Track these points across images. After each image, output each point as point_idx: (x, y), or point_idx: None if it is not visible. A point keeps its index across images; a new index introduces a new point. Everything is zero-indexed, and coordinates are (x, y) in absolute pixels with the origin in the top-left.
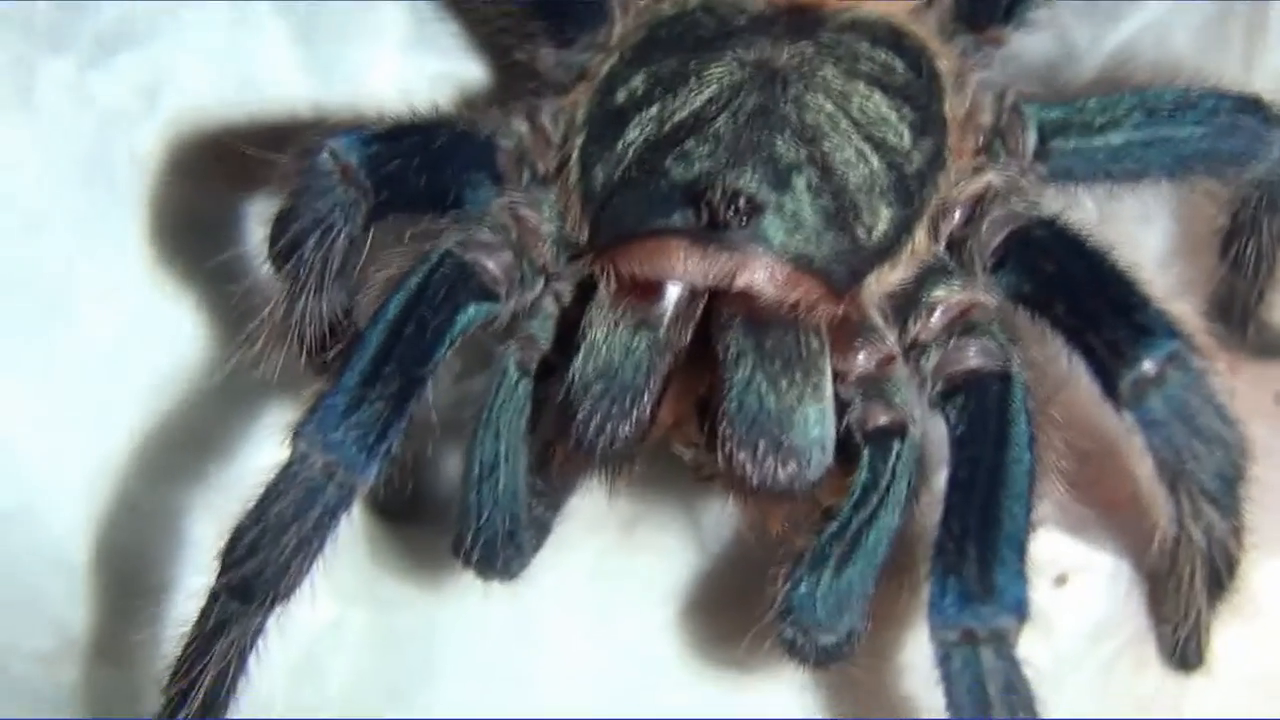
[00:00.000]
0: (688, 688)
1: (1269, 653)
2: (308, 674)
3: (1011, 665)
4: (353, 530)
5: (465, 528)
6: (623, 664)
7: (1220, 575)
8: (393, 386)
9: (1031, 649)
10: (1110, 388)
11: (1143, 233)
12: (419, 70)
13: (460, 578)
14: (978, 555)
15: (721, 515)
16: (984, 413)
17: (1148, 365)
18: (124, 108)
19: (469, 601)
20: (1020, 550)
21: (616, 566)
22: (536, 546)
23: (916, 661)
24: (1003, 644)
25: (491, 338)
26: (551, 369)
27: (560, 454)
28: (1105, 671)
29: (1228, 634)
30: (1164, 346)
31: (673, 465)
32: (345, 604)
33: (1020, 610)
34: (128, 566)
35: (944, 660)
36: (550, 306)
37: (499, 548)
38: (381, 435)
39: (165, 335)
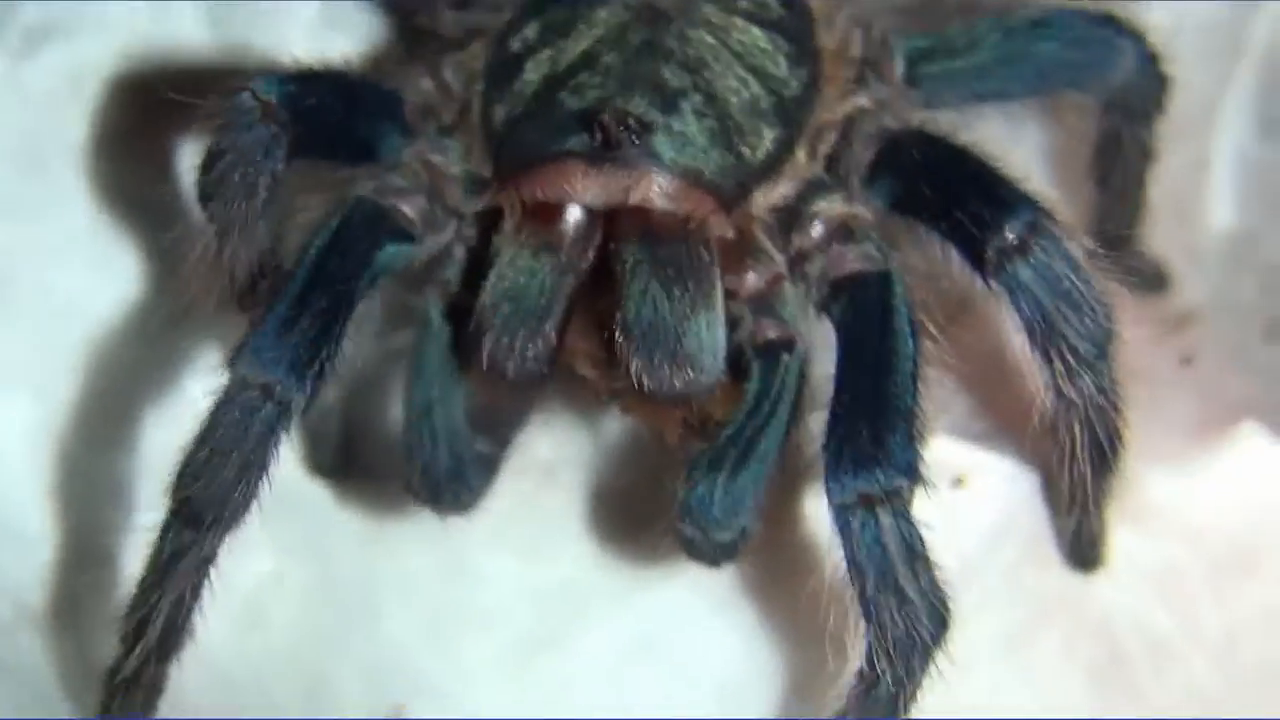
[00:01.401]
0: (614, 605)
1: (1166, 550)
2: (251, 624)
3: (908, 523)
4: (288, 486)
5: (411, 467)
6: (553, 595)
7: (1102, 441)
8: (320, 307)
9: (934, 552)
10: (978, 261)
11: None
12: (329, 50)
13: (394, 528)
14: (869, 424)
15: (633, 445)
16: (867, 304)
17: (1009, 234)
18: (54, 97)
19: (404, 550)
20: (909, 420)
21: (540, 507)
22: (486, 480)
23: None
24: (899, 503)
25: (407, 287)
26: (469, 311)
27: (476, 378)
28: (1009, 573)
29: (1125, 535)
30: (1024, 215)
31: (587, 410)
32: (284, 555)
33: (912, 471)
34: (80, 532)
35: (843, 525)
36: (460, 253)
37: (444, 482)
38: (314, 353)
39: (106, 306)
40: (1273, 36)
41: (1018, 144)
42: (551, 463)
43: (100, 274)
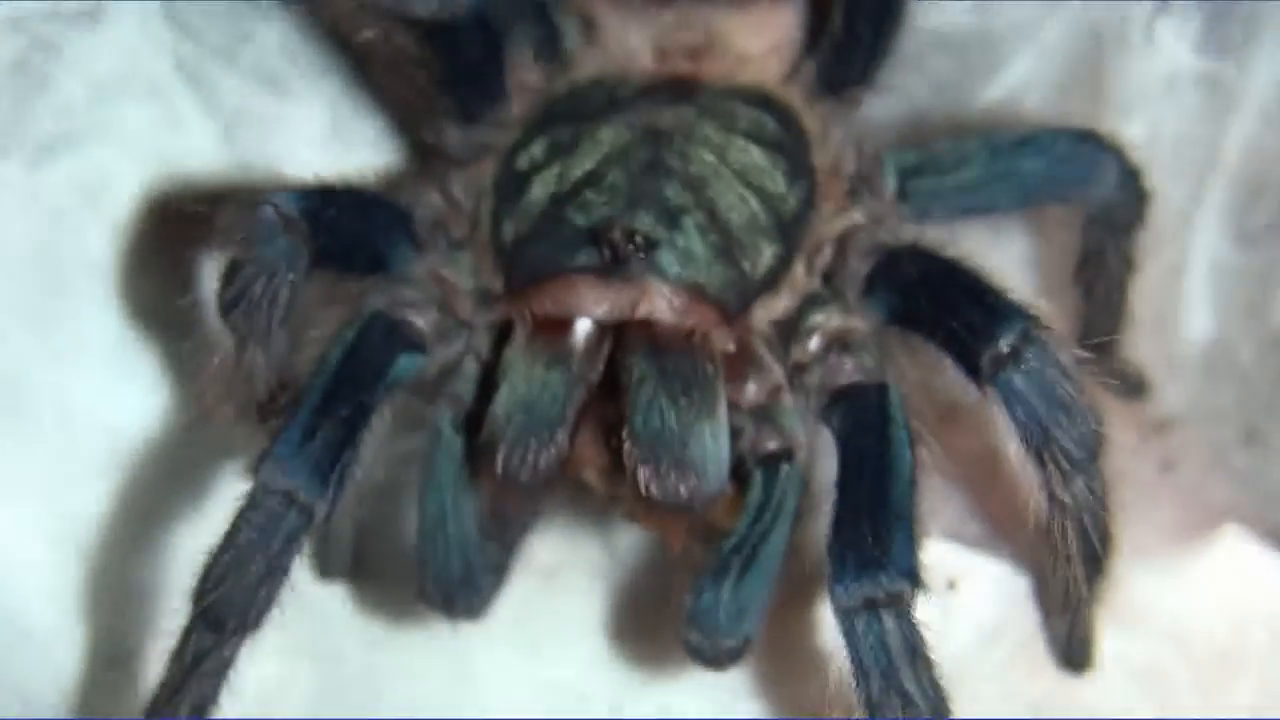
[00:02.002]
0: (619, 707)
1: (1152, 652)
2: None
3: (910, 626)
4: (297, 588)
5: (425, 576)
6: (558, 696)
7: (1094, 545)
8: (341, 416)
9: (935, 653)
10: (973, 369)
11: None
12: (336, 163)
13: (401, 631)
14: (871, 529)
15: (637, 551)
16: (865, 414)
17: (1003, 343)
18: (67, 207)
19: (410, 652)
20: (909, 526)
21: (541, 609)
22: (496, 585)
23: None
24: (901, 606)
25: (418, 397)
26: (479, 421)
27: (490, 488)
28: (1000, 674)
29: (1112, 636)
30: (1016, 325)
31: (587, 514)
32: (292, 658)
33: (913, 575)
34: (100, 635)
35: (848, 628)
36: (471, 367)
37: (457, 590)
38: (335, 460)
39: (125, 413)
40: (1246, 148)
41: (1001, 252)
42: (553, 566)
43: (119, 382)
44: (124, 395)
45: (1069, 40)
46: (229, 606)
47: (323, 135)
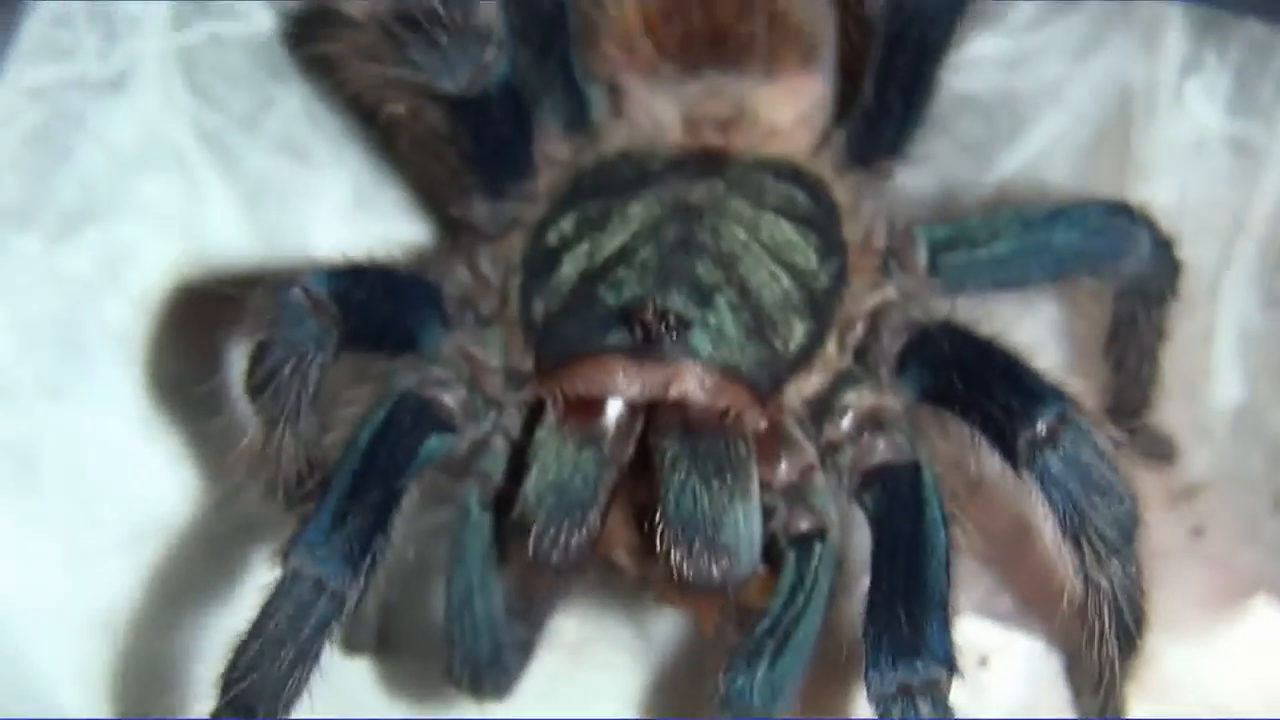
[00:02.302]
0: None
1: None
2: None
3: (946, 713)
4: (324, 665)
5: (453, 655)
6: None
7: (1129, 625)
8: (371, 501)
9: None
10: (1009, 452)
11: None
12: (360, 233)
13: (425, 708)
14: (906, 616)
15: (667, 628)
16: (899, 496)
17: (1040, 425)
18: (89, 280)
19: None
20: (944, 610)
21: (568, 685)
22: (522, 664)
23: None
24: (936, 693)
25: (446, 473)
26: (508, 500)
27: (519, 568)
28: None
29: (1142, 709)
30: (1053, 407)
31: (614, 589)
32: None
33: (949, 662)
34: (118, 711)
35: (884, 716)
36: (500, 445)
37: (485, 670)
38: (365, 546)
39: (149, 492)
40: (1274, 212)
41: (1030, 323)
42: (579, 641)
43: (142, 458)
44: (146, 471)
45: (1096, 101)
46: (258, 694)
47: (346, 205)
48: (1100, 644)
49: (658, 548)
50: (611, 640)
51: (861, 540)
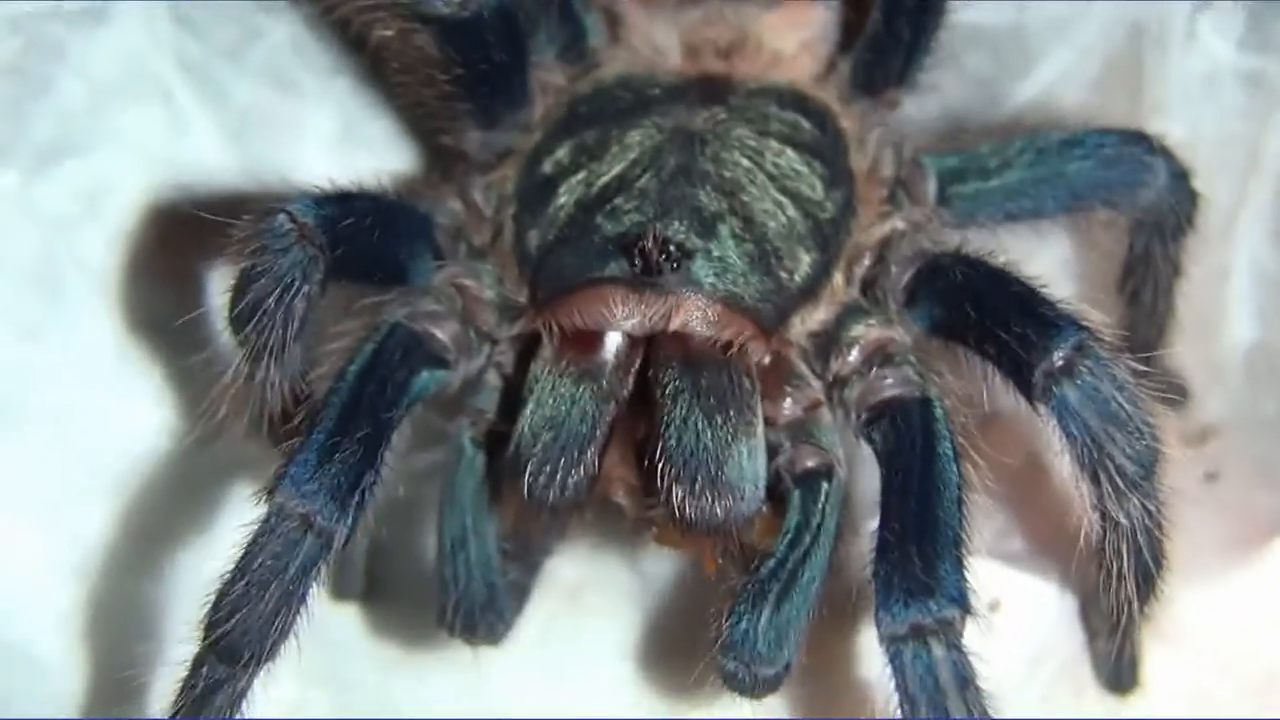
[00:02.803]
0: None
1: (1197, 672)
2: None
3: (960, 654)
4: (310, 613)
5: (445, 600)
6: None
7: (1148, 564)
8: (360, 435)
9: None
10: (1024, 384)
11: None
12: (348, 165)
13: (416, 653)
14: (919, 553)
15: (666, 571)
16: (909, 431)
17: (1057, 356)
18: (67, 215)
19: (426, 675)
20: (957, 548)
21: (565, 630)
22: (518, 609)
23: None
24: (950, 633)
25: (438, 411)
26: (503, 438)
27: (513, 507)
28: (1044, 697)
29: (1157, 657)
30: (1070, 337)
31: (613, 531)
32: (307, 685)
33: (963, 601)
34: (103, 663)
35: (895, 657)
36: (494, 380)
37: (479, 615)
38: (355, 483)
39: (129, 429)
40: None
41: (1042, 257)
42: (577, 584)
43: (123, 397)
44: (128, 410)
45: (1107, 37)
46: (243, 637)
47: (334, 137)
48: (1118, 584)
49: (658, 486)
50: (609, 583)
51: (868, 479)
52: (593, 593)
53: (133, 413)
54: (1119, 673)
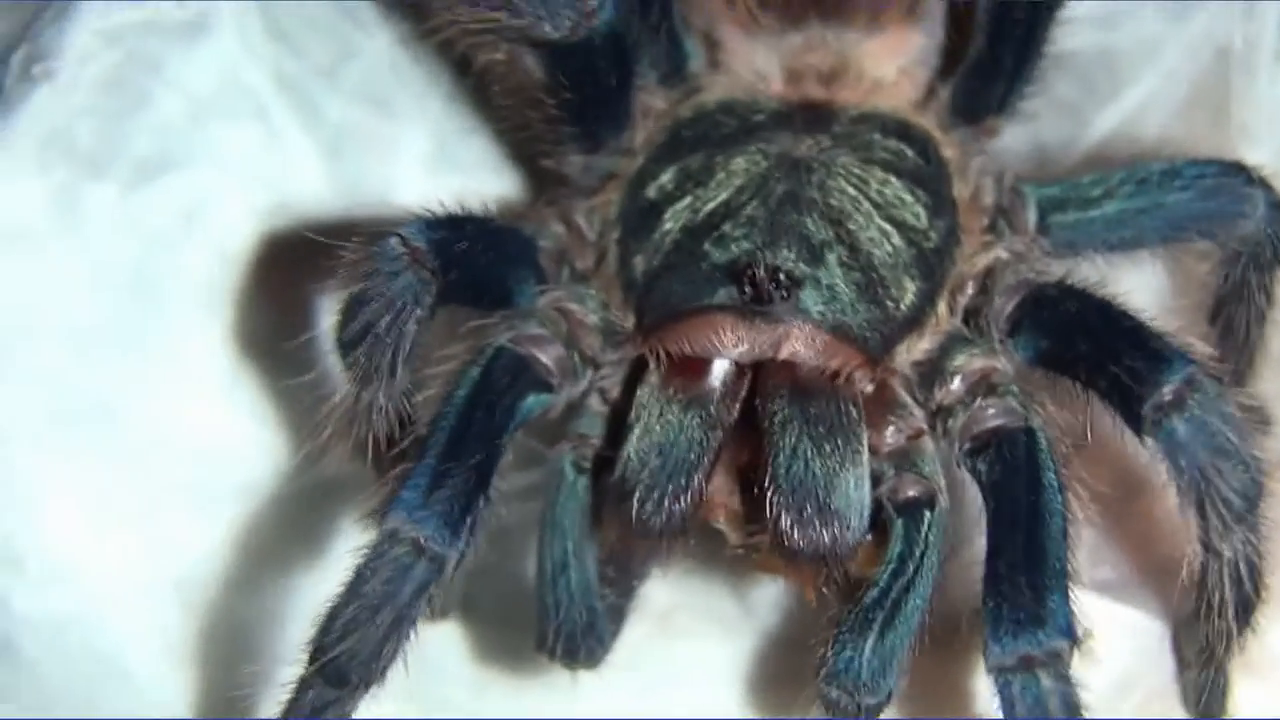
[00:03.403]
0: None
1: None
2: None
3: (1068, 685)
4: None
5: (546, 625)
6: None
7: (1248, 596)
8: (472, 460)
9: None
10: (1133, 418)
11: None
12: (442, 186)
13: (509, 674)
14: (1028, 585)
15: (757, 597)
16: (1014, 462)
17: (1167, 389)
18: (166, 230)
19: (519, 698)
20: (1064, 580)
21: (656, 654)
22: (615, 633)
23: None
24: (1059, 665)
25: (537, 436)
26: (606, 463)
27: (617, 533)
28: None
29: (1245, 689)
30: (1180, 371)
31: (707, 555)
32: (398, 704)
33: (1071, 633)
34: (198, 682)
35: (1004, 687)
36: (597, 404)
37: (580, 639)
38: (466, 508)
39: (228, 443)
40: None
41: (1134, 287)
42: (668, 608)
43: (224, 414)
44: (228, 429)
45: (1193, 60)
46: (352, 660)
47: (428, 157)
48: (1217, 615)
49: (763, 513)
50: (702, 609)
51: (969, 509)
52: (685, 617)
53: (238, 430)
54: (1209, 703)
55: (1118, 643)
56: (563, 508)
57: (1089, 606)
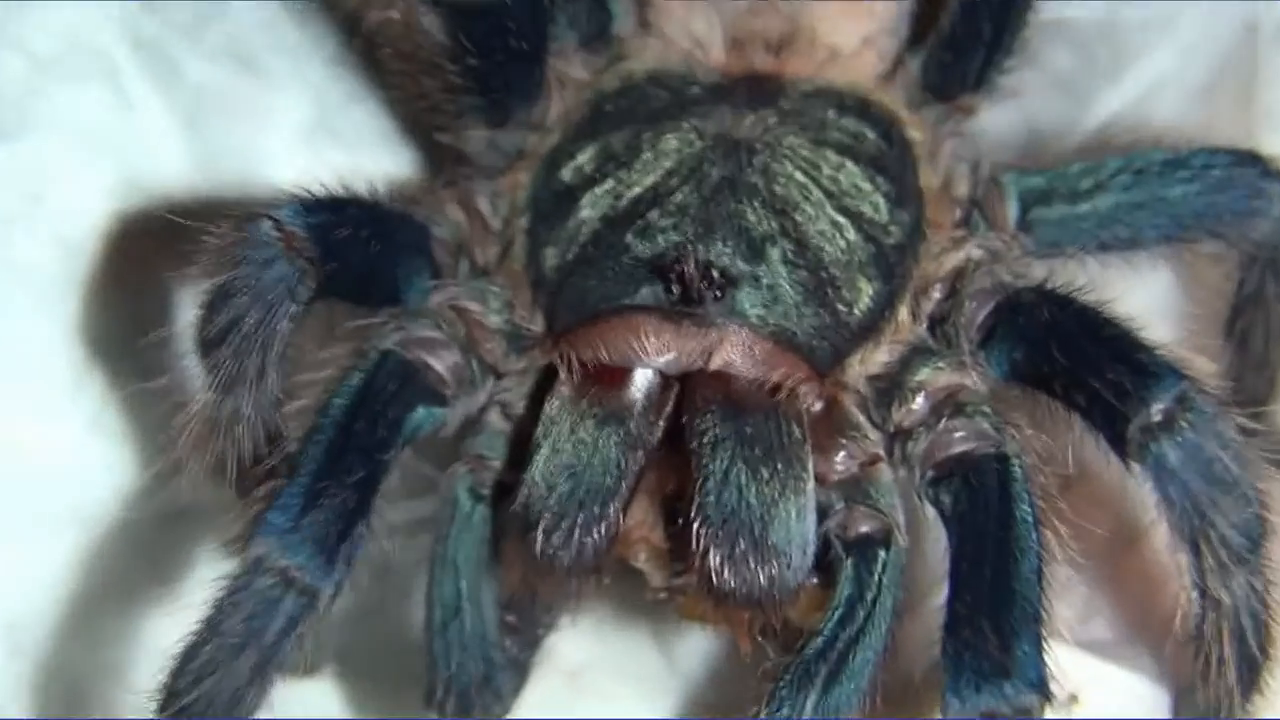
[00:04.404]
0: None
1: None
2: None
3: None
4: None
5: (436, 677)
6: None
7: (1252, 650)
8: (351, 479)
9: None
10: (1118, 440)
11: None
12: (322, 162)
13: None
14: (994, 630)
15: (682, 650)
16: (983, 491)
17: (1155, 409)
18: (4, 208)
19: None
20: (1036, 625)
21: (561, 716)
22: (516, 690)
23: None
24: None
25: (426, 456)
26: (508, 490)
27: (520, 572)
28: None
29: None
30: (1171, 388)
31: (623, 598)
32: None
33: (1042, 686)
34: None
35: None
36: (498, 420)
37: (474, 696)
38: (343, 534)
39: (65, 462)
40: None
41: (1136, 294)
42: (579, 664)
43: (61, 429)
44: (68, 442)
45: (1213, 35)
46: (209, 708)
47: (306, 128)
48: (1217, 673)
49: (689, 549)
50: (618, 664)
51: (933, 555)
52: (598, 673)
53: (74, 447)
54: None
55: (1111, 708)
56: (456, 541)
57: (1080, 667)
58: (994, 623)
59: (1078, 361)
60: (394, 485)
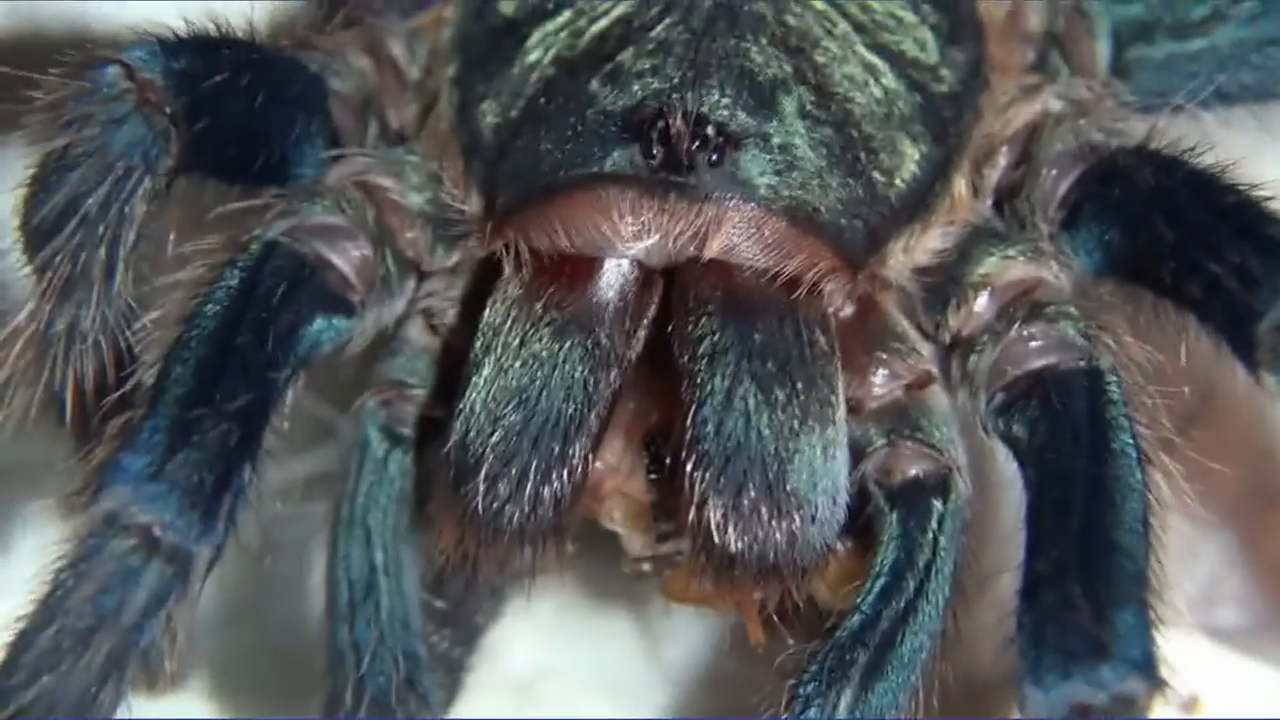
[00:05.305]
0: None
1: None
2: None
3: None
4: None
5: (341, 680)
6: None
7: None
8: (230, 407)
9: None
10: (1243, 342)
11: None
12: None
13: None
14: (1085, 597)
15: (670, 648)
16: (1070, 419)
17: None
18: None
19: None
20: (1141, 592)
21: None
22: (449, 695)
23: None
24: (1130, 714)
25: (331, 394)
26: (436, 428)
27: (453, 538)
28: None
29: None
30: None
31: (591, 574)
32: None
33: (1149, 670)
34: None
35: None
36: (420, 335)
37: (393, 701)
38: (224, 479)
39: None
40: None
41: (1267, 157)
42: (530, 677)
43: None
44: None
45: None
46: (52, 710)
47: None
48: None
49: (680, 501)
50: (584, 671)
51: (1006, 499)
52: (558, 683)
53: None
54: None
55: (1240, 709)
56: (368, 498)
57: (1201, 660)
58: (1086, 587)
59: (1191, 243)
60: (281, 430)
